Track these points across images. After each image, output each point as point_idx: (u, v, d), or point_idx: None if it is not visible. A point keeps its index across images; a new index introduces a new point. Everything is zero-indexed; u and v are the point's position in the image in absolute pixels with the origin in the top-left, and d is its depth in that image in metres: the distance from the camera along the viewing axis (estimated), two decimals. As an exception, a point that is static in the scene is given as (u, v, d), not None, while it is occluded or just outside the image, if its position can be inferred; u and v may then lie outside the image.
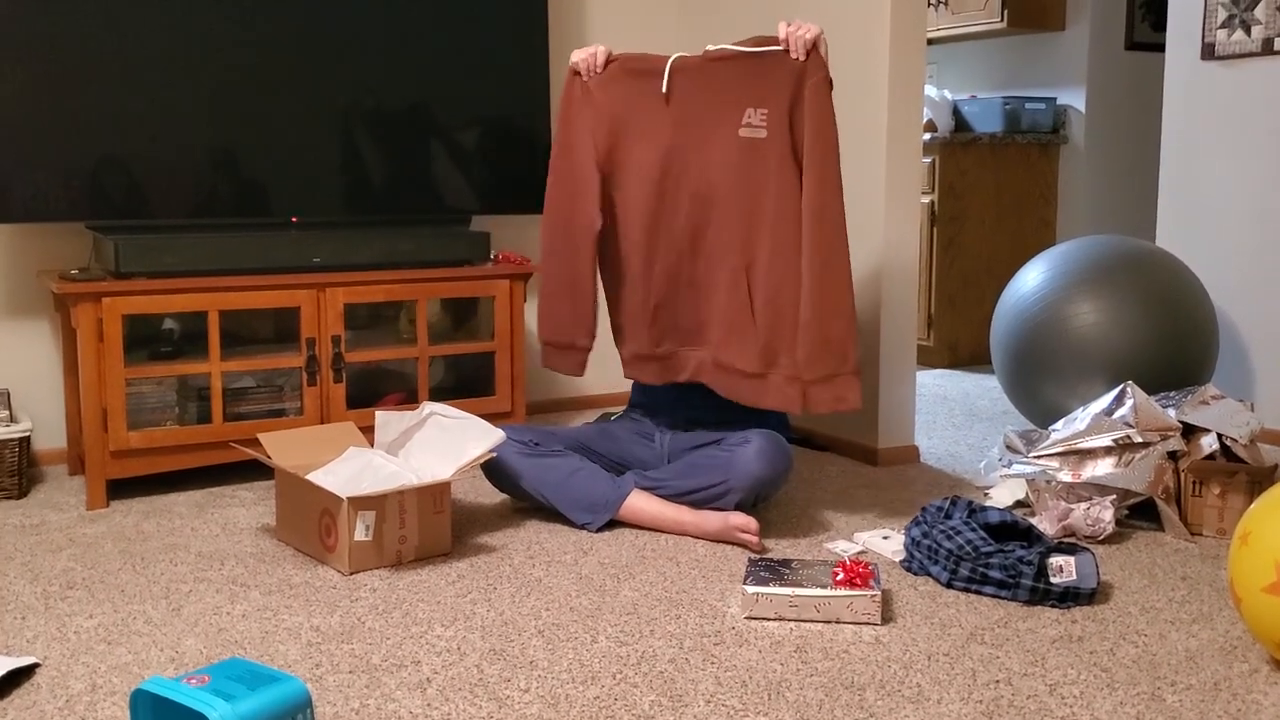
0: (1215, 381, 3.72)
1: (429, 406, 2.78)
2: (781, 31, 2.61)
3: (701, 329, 2.80)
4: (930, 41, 5.39)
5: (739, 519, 2.64)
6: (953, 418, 4.08)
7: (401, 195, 3.46)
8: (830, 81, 2.62)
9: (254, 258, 3.14)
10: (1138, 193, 5.34)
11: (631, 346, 2.87)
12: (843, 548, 2.64)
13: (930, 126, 5.07)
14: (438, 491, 2.57)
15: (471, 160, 3.56)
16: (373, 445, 2.88)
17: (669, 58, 2.70)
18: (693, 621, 2.21)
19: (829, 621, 2.20)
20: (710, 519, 2.67)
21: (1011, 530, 2.46)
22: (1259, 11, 3.61)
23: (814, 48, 2.59)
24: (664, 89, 2.68)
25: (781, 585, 2.21)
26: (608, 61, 2.75)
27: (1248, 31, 3.65)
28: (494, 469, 2.83)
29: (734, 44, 2.67)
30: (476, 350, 3.46)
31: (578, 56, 2.76)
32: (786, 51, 2.61)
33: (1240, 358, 3.76)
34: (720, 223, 2.72)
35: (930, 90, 5.16)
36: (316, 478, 2.63)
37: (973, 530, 2.39)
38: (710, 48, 2.69)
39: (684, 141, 2.70)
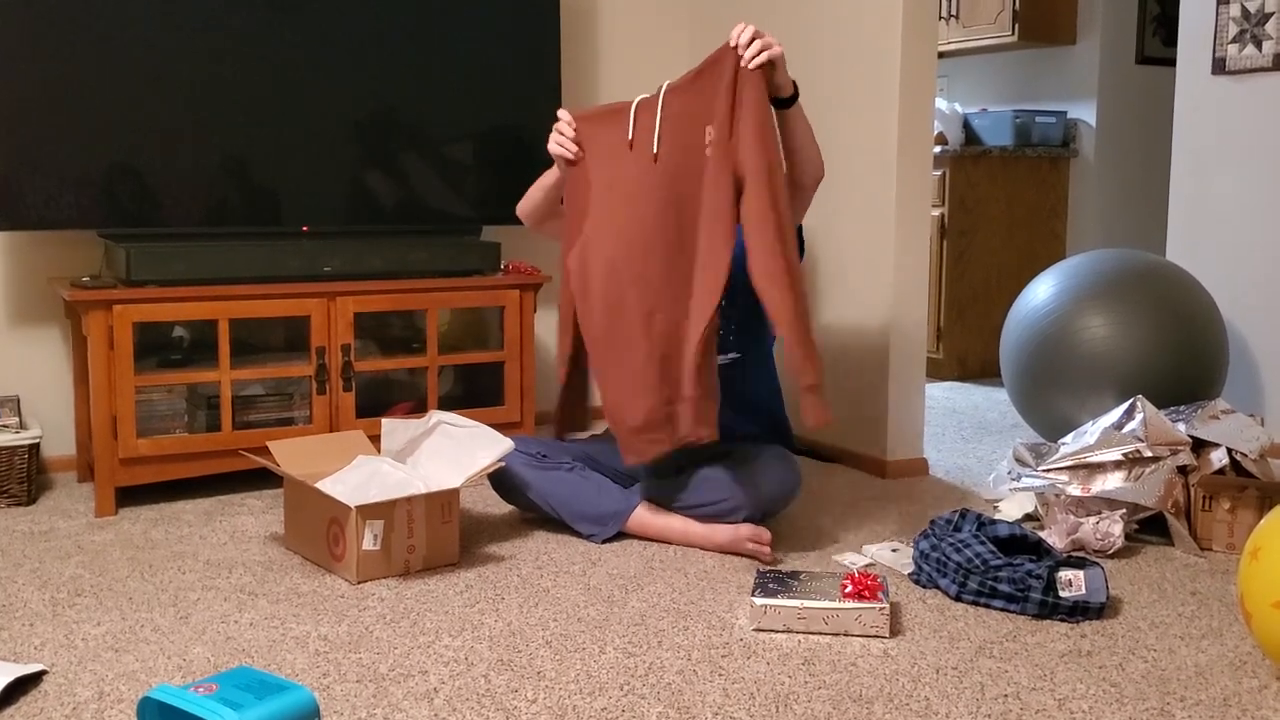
0: (1225, 396, 3.71)
1: (436, 415, 2.78)
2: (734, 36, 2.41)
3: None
4: (941, 54, 5.39)
5: (750, 530, 2.63)
6: (962, 430, 4.07)
7: (412, 205, 3.47)
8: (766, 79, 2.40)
9: (265, 266, 3.15)
10: (1148, 206, 5.34)
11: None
12: (851, 560, 2.64)
13: (941, 139, 5.07)
14: (446, 500, 2.57)
15: (482, 171, 3.56)
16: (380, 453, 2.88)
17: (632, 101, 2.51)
18: (700, 633, 2.20)
19: (837, 634, 2.19)
20: (720, 530, 2.67)
21: (1020, 544, 2.45)
22: (1270, 27, 3.61)
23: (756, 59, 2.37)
24: (629, 135, 2.52)
25: (790, 597, 2.21)
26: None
27: (1259, 46, 3.64)
28: (501, 479, 2.83)
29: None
30: (486, 360, 3.46)
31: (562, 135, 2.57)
32: (727, 54, 2.40)
33: (1250, 372, 3.75)
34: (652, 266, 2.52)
35: (941, 103, 5.16)
36: (325, 486, 2.63)
37: (982, 543, 2.39)
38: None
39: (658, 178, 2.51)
